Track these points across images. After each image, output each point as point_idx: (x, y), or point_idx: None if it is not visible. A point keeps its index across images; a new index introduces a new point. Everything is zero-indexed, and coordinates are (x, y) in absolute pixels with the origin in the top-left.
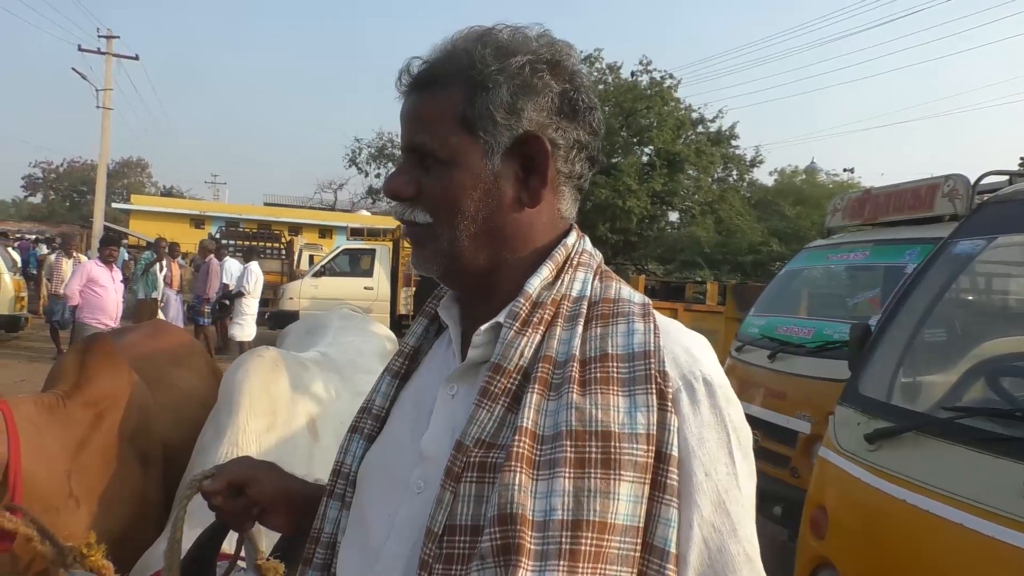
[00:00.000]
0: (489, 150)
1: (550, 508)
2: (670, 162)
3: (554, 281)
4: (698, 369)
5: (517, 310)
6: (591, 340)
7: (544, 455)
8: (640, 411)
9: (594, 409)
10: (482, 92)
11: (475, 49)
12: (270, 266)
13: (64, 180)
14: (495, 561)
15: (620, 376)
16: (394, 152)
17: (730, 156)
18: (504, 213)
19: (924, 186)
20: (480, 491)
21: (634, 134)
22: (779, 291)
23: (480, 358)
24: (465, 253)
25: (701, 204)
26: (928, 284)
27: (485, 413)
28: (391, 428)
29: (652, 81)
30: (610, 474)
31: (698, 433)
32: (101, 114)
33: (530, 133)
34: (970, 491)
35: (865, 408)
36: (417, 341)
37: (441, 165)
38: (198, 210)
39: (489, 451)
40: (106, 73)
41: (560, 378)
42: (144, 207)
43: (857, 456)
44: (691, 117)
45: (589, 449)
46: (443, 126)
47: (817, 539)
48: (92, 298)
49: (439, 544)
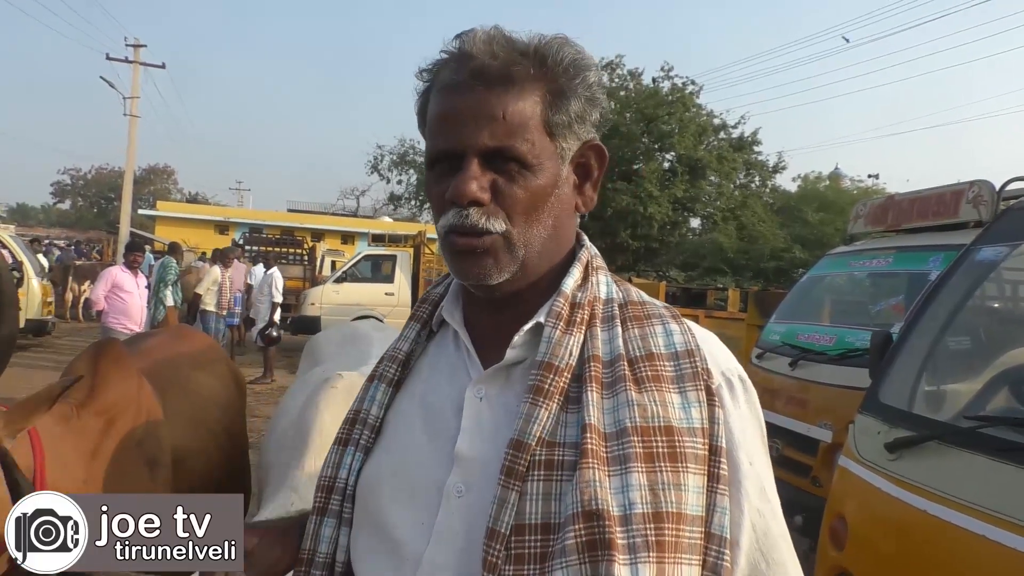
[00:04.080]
0: (563, 157)
1: (629, 502)
2: (692, 168)
3: (584, 282)
4: (733, 367)
5: (559, 310)
6: (632, 340)
7: (613, 451)
8: (693, 406)
9: (654, 405)
10: (565, 100)
11: (557, 55)
12: (292, 272)
13: (92, 187)
14: (580, 558)
15: (669, 374)
16: (415, 159)
17: (752, 162)
18: (566, 218)
19: (948, 192)
20: (549, 489)
21: (655, 140)
22: (800, 298)
23: (516, 359)
24: (533, 259)
25: (723, 210)
26: (951, 291)
27: (543, 411)
28: (396, 437)
29: (674, 87)
30: (678, 467)
31: (740, 426)
32: (128, 122)
33: (594, 143)
34: (993, 502)
35: (886, 417)
36: (410, 347)
37: (526, 170)
38: (222, 216)
39: (552, 449)
40: (133, 81)
41: (611, 377)
42: (170, 213)
43: (877, 465)
44: (713, 123)
45: (656, 443)
46: (531, 130)
47: (836, 550)
48: (117, 303)
49: (506, 545)
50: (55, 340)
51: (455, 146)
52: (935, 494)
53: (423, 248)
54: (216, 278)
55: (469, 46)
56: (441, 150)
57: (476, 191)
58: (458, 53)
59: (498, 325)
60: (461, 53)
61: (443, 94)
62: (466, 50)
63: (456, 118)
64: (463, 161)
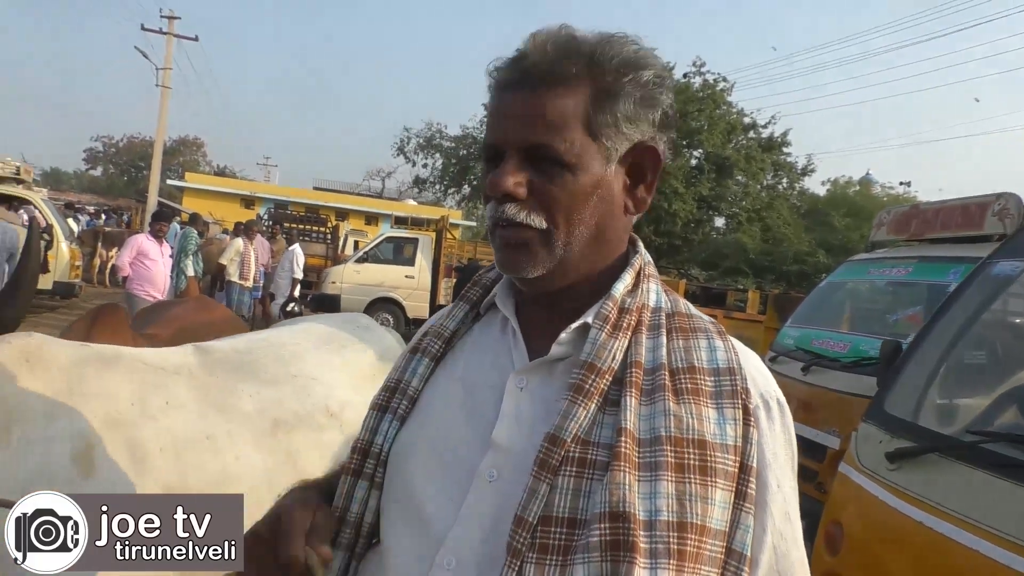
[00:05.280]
0: (609, 157)
1: (656, 509)
2: (719, 167)
3: (634, 289)
4: (772, 389)
5: (606, 313)
6: (675, 351)
7: (645, 457)
8: (729, 423)
9: (690, 418)
10: (611, 100)
11: (604, 53)
12: (314, 249)
13: (123, 155)
14: (602, 555)
15: (708, 389)
16: (442, 143)
17: (781, 163)
18: (613, 219)
19: (974, 203)
20: (579, 485)
21: (683, 136)
22: (818, 303)
23: (560, 355)
24: (574, 258)
25: (748, 211)
26: (964, 304)
27: (581, 410)
28: (433, 411)
29: (705, 83)
30: (707, 480)
31: (773, 448)
32: (160, 92)
33: (646, 143)
34: (991, 518)
35: (888, 426)
36: (456, 325)
37: (565, 169)
38: (249, 191)
39: (587, 448)
40: (167, 52)
41: (651, 385)
42: (197, 185)
43: (877, 474)
44: (743, 122)
45: (688, 455)
46: (570, 129)
47: (831, 555)
48: (142, 270)
49: (532, 533)
50: (82, 303)
51: (498, 141)
52: (932, 506)
53: (445, 233)
54: (239, 249)
55: (527, 46)
56: (488, 144)
57: (509, 186)
58: (517, 53)
59: (547, 320)
60: (518, 53)
61: (496, 92)
62: (523, 49)
63: (502, 115)
64: (504, 157)
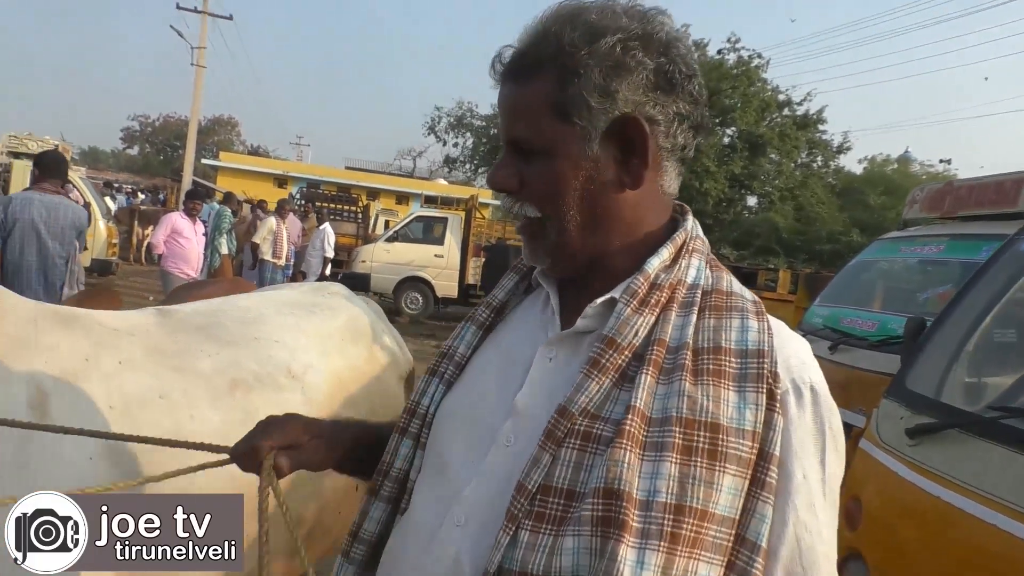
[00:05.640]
0: (587, 136)
1: (654, 489)
2: (752, 145)
3: (672, 264)
4: (807, 375)
5: (636, 288)
6: (704, 330)
7: (652, 437)
8: (749, 408)
9: (705, 400)
10: (574, 78)
11: (564, 32)
12: (345, 228)
13: (159, 134)
14: (592, 530)
15: (732, 371)
16: (472, 122)
17: (816, 141)
18: (608, 197)
19: (1009, 180)
20: (581, 459)
21: (716, 114)
22: (847, 282)
23: (587, 328)
24: (574, 242)
25: (781, 189)
26: (990, 282)
27: (594, 384)
28: (473, 377)
29: (739, 60)
30: (715, 465)
31: (801, 437)
32: (195, 71)
33: (627, 115)
34: (1010, 493)
35: (910, 403)
36: (506, 296)
37: (541, 156)
38: (282, 170)
39: (594, 422)
40: (201, 32)
41: (672, 364)
42: (231, 164)
43: (897, 450)
44: (777, 99)
45: (698, 438)
46: (538, 116)
47: (849, 530)
48: (176, 248)
49: (531, 501)
50: (118, 280)
51: (501, 137)
52: (952, 482)
53: (475, 212)
54: (271, 227)
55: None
56: None
57: (499, 180)
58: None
59: (581, 296)
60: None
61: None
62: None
63: (499, 111)
64: None
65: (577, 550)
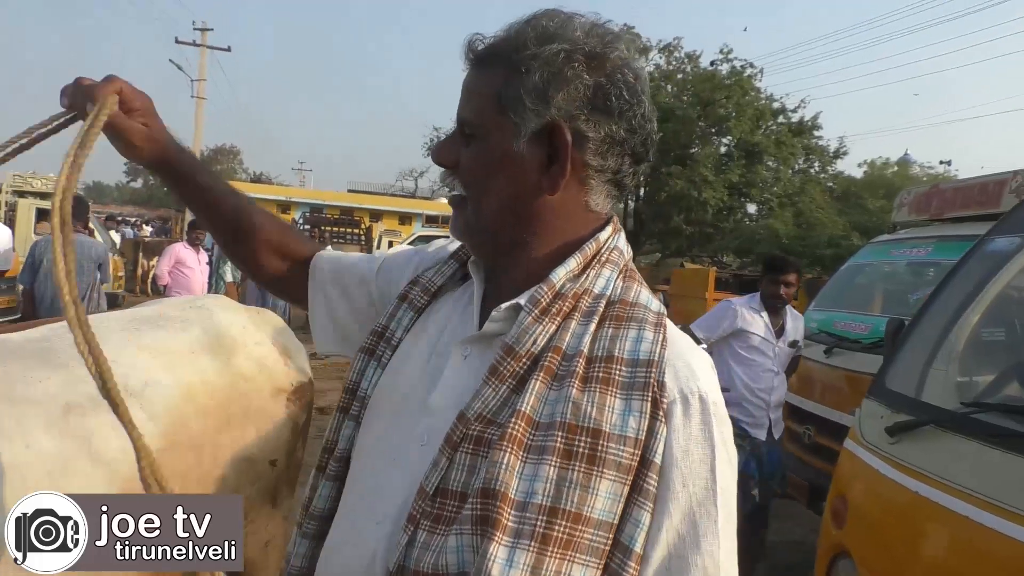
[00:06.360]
0: (517, 132)
1: (531, 491)
2: (748, 153)
3: (580, 274)
4: (696, 385)
5: (539, 297)
6: (601, 340)
7: (536, 440)
8: (632, 415)
9: (589, 407)
10: (517, 75)
11: (524, 32)
12: (349, 250)
13: None
14: (472, 529)
15: (621, 379)
16: None
17: (812, 147)
18: (527, 196)
19: (992, 181)
20: (473, 463)
21: (712, 124)
22: (840, 286)
23: (495, 331)
24: (488, 227)
25: (780, 196)
26: (962, 282)
27: (491, 391)
28: (403, 362)
29: (732, 70)
30: (593, 470)
31: (684, 446)
32: (195, 103)
33: (554, 122)
34: (984, 487)
35: (889, 402)
36: (443, 280)
37: (476, 140)
38: (285, 196)
39: (488, 427)
40: (200, 64)
41: (565, 371)
42: None
43: (878, 448)
44: (772, 107)
45: (578, 443)
46: (482, 103)
47: (837, 528)
48: (180, 278)
49: (431, 503)
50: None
51: None
52: (930, 477)
53: None
54: None
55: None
56: None
57: (439, 153)
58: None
59: (499, 293)
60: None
61: None
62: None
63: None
64: None
65: (460, 548)
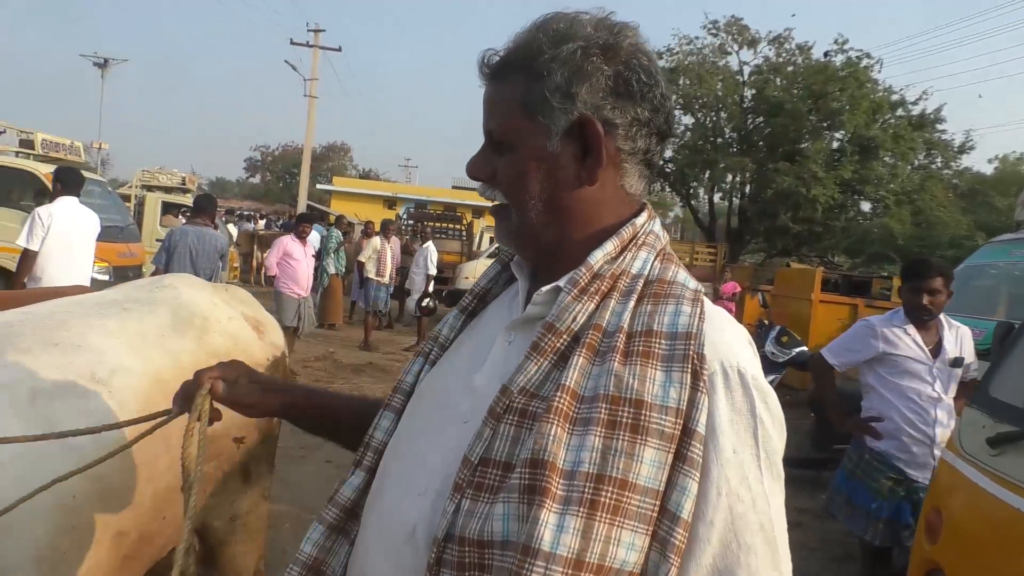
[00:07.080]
0: (548, 133)
1: (578, 460)
2: (863, 148)
3: (617, 256)
4: (736, 360)
5: (578, 278)
6: (641, 316)
7: (581, 413)
8: (673, 386)
9: (631, 379)
10: (539, 79)
11: (536, 38)
12: (451, 246)
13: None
14: (520, 498)
15: (661, 352)
16: None
17: (934, 142)
18: (567, 192)
19: None
20: (517, 434)
21: (823, 118)
22: (956, 288)
23: (537, 315)
24: (533, 230)
25: (897, 193)
26: None
27: (533, 365)
28: (452, 357)
29: (847, 61)
30: (637, 438)
31: (728, 415)
32: (308, 102)
33: (583, 116)
34: None
35: (993, 411)
36: (488, 283)
37: (509, 149)
38: (391, 192)
39: (531, 400)
40: (313, 64)
41: (606, 347)
42: (344, 188)
43: (979, 460)
44: (889, 99)
45: (622, 414)
46: (509, 113)
47: (930, 543)
48: (287, 269)
49: (473, 472)
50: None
51: None
52: None
53: None
54: (376, 247)
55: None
56: None
57: (473, 168)
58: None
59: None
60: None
61: None
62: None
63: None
64: None
65: (507, 516)
